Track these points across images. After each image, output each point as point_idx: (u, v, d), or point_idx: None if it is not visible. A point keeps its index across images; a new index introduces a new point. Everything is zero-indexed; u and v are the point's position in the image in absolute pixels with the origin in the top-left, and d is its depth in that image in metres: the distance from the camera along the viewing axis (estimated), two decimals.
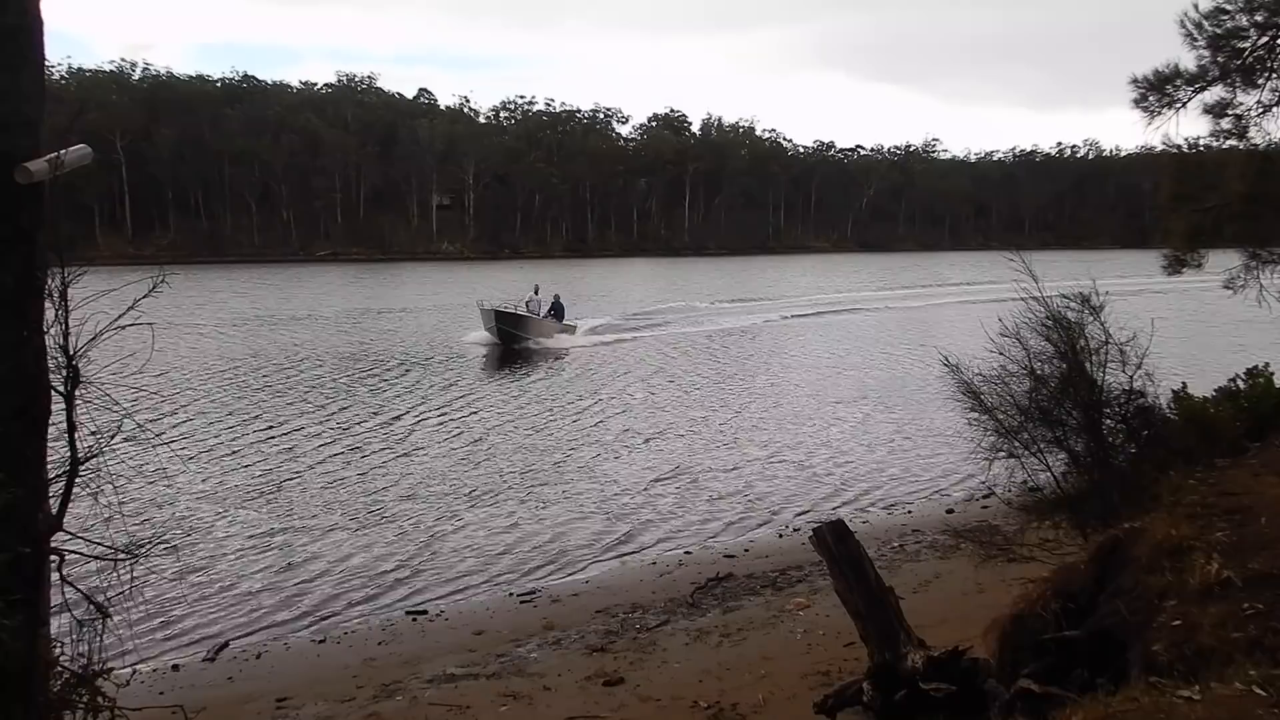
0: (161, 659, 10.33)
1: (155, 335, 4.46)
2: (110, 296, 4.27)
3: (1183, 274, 10.22)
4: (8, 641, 3.49)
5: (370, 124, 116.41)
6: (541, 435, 22.05)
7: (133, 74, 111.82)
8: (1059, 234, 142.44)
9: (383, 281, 74.45)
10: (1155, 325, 8.17)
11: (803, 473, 18.68)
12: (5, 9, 3.76)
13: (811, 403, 26.11)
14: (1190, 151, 9.79)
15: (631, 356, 35.05)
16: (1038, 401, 7.73)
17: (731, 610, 11.15)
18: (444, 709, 8.58)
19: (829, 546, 6.44)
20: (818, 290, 65.34)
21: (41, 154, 3.82)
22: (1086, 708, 3.78)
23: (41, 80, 3.98)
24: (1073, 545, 7.23)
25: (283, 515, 15.57)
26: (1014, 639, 5.48)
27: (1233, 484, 5.84)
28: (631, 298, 58.79)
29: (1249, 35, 8.73)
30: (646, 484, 17.77)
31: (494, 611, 11.73)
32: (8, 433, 3.75)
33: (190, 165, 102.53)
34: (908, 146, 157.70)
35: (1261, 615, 4.05)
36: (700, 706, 8.17)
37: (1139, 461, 7.32)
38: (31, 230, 3.85)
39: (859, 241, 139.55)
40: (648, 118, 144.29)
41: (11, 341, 3.77)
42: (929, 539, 13.65)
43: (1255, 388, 7.94)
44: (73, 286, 3.87)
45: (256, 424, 22.67)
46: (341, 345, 37.28)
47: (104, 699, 4.00)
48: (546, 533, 14.89)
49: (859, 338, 41.10)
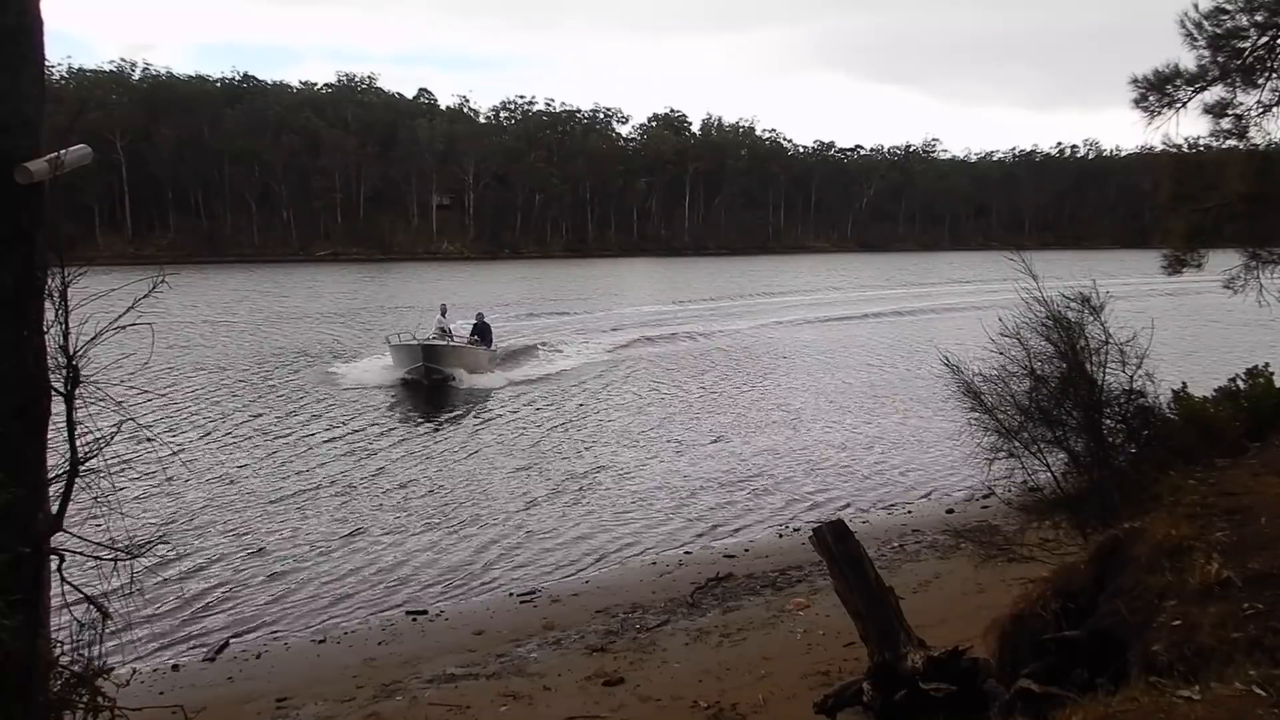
0: (161, 659, 10.34)
1: (156, 335, 4.46)
2: (110, 296, 4.26)
3: (1183, 274, 10.22)
4: (8, 641, 3.49)
5: (370, 124, 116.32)
6: (539, 437, 22.05)
7: (133, 74, 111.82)
8: (1059, 234, 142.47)
9: (384, 282, 74.46)
10: (1155, 325, 8.17)
11: (803, 473, 18.67)
12: (5, 9, 3.75)
13: (812, 404, 26.11)
14: (1190, 151, 9.78)
15: (617, 372, 33.88)
16: (1038, 401, 7.73)
17: (731, 610, 11.15)
18: (444, 709, 8.58)
19: (829, 546, 6.44)
20: (817, 290, 65.32)
21: (41, 154, 3.82)
22: (1086, 708, 3.78)
23: (41, 80, 3.97)
24: (1073, 545, 7.23)
25: (283, 515, 15.57)
26: (1014, 639, 5.48)
27: (1233, 484, 5.84)
28: (632, 298, 58.82)
29: (1249, 35, 8.73)
30: (647, 484, 17.77)
31: (494, 611, 11.73)
32: (8, 433, 3.75)
33: (190, 165, 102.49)
34: (908, 146, 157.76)
35: (1261, 615, 4.05)
36: (700, 706, 8.17)
37: (1139, 461, 7.32)
38: (31, 230, 3.84)
39: (859, 241, 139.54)
40: (648, 118, 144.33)
41: (11, 341, 3.77)
42: (929, 539, 13.65)
43: (1255, 388, 7.94)
44: (73, 286, 3.86)
45: (256, 424, 22.67)
46: (351, 342, 37.30)
47: (104, 699, 3.99)
48: (546, 533, 14.89)
49: (859, 338, 41.08)
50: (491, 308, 39.13)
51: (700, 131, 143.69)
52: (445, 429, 22.73)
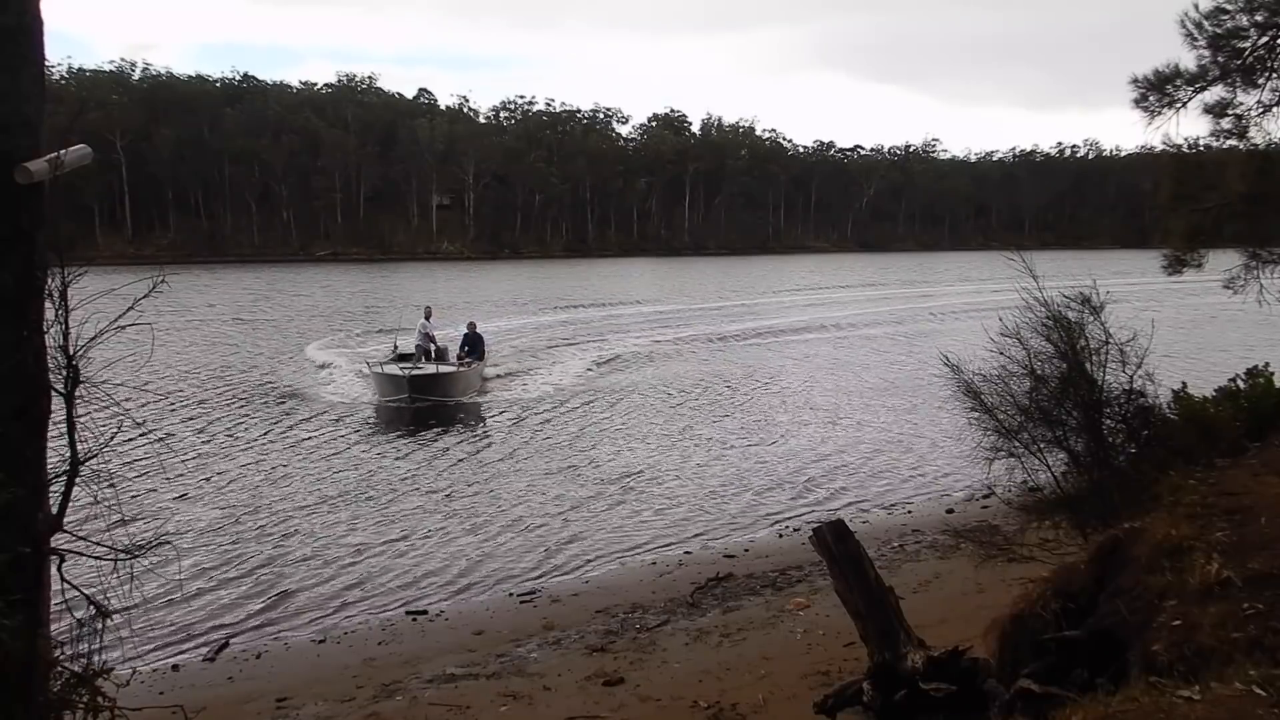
0: (161, 659, 10.33)
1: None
2: (110, 296, 4.26)
3: (1183, 274, 10.21)
4: (8, 641, 3.49)
5: (370, 124, 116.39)
6: (537, 439, 22.04)
7: (133, 74, 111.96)
8: (1059, 234, 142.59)
9: (396, 281, 74.48)
10: (1155, 325, 8.17)
11: (803, 473, 18.67)
12: (5, 9, 3.75)
13: (812, 404, 26.10)
14: (1190, 151, 9.78)
15: (616, 373, 34.73)
16: (1038, 401, 7.72)
17: (731, 610, 11.14)
18: (444, 709, 8.57)
19: (829, 546, 6.43)
20: (817, 290, 65.31)
21: (41, 154, 3.82)
22: (1086, 708, 3.77)
23: (41, 80, 3.97)
24: (1073, 545, 7.22)
25: (282, 516, 15.56)
26: (1014, 639, 5.48)
27: (1233, 484, 5.83)
28: (631, 299, 58.82)
29: (1249, 35, 8.72)
30: (646, 484, 17.77)
31: (494, 611, 11.73)
32: (8, 433, 3.75)
33: (190, 165, 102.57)
34: (907, 146, 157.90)
35: (1261, 615, 4.05)
36: (700, 706, 8.16)
37: (1139, 461, 7.31)
38: (31, 230, 3.84)
39: (859, 241, 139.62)
40: (648, 118, 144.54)
41: (11, 341, 3.77)
42: (929, 539, 13.64)
43: (1255, 388, 7.93)
44: (73, 286, 3.86)
45: (257, 423, 22.67)
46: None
47: (104, 699, 3.99)
48: (546, 533, 14.89)
49: (859, 338, 41.07)
50: (491, 308, 38.79)
51: (700, 131, 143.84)
52: (443, 432, 22.72)
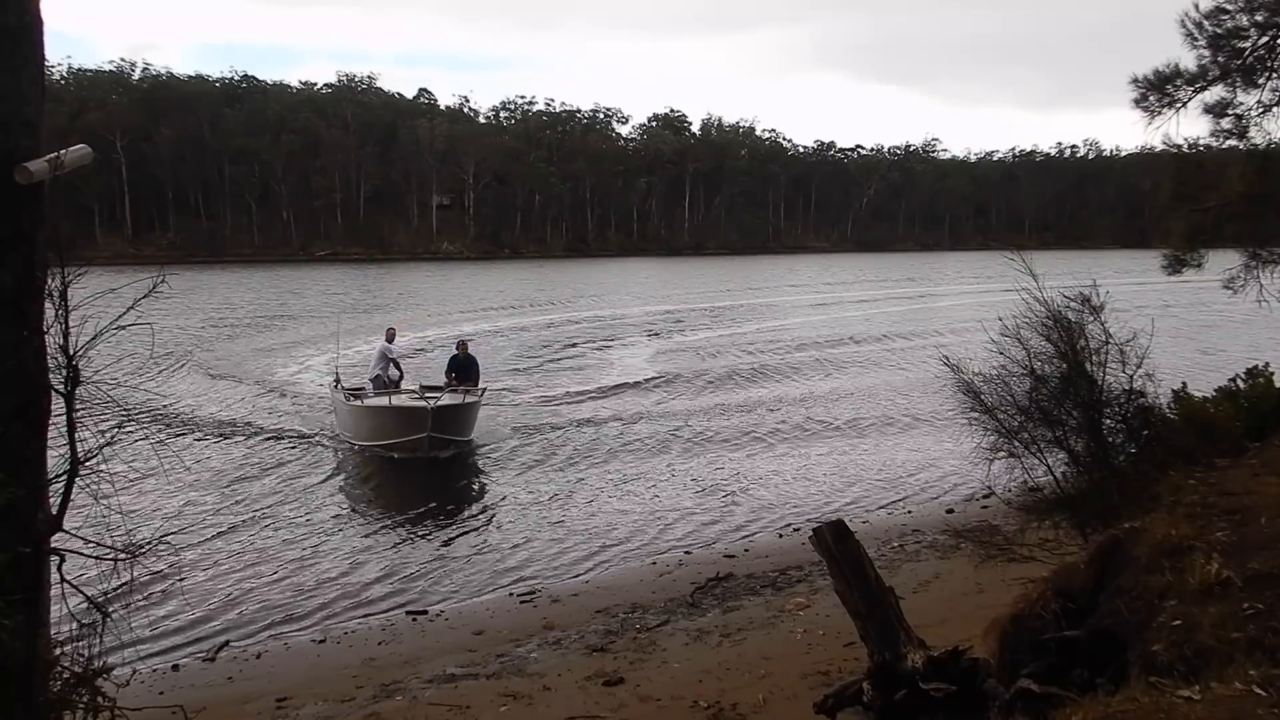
0: (161, 659, 10.33)
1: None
2: (109, 296, 4.26)
3: (1183, 274, 10.20)
4: (8, 641, 3.49)
5: (370, 124, 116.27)
6: (537, 441, 22.04)
7: (133, 74, 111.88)
8: (1059, 234, 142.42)
9: (403, 281, 74.49)
10: (1155, 325, 8.17)
11: (803, 473, 18.67)
12: (5, 9, 3.75)
13: (811, 404, 26.09)
14: (1190, 151, 9.77)
15: (615, 379, 34.65)
16: (1038, 401, 7.72)
17: (731, 610, 11.14)
18: (444, 709, 8.57)
19: (829, 546, 6.43)
20: (817, 289, 65.33)
21: (41, 154, 3.82)
22: (1086, 708, 3.77)
23: (41, 80, 3.97)
24: (1073, 545, 7.22)
25: (282, 516, 15.57)
26: (1014, 639, 5.47)
27: (1233, 484, 5.83)
28: (633, 299, 58.81)
29: (1249, 35, 8.72)
30: (646, 485, 17.78)
31: (494, 611, 11.73)
32: (8, 433, 3.74)
33: (190, 165, 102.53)
34: (908, 146, 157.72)
35: (1261, 615, 4.05)
36: (700, 706, 8.16)
37: (1139, 461, 7.31)
38: (31, 230, 3.84)
39: (859, 241, 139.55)
40: (648, 118, 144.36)
41: (11, 341, 3.76)
42: (929, 539, 13.64)
43: (1255, 388, 7.93)
44: (73, 286, 3.86)
45: (257, 425, 22.66)
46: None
47: (104, 699, 3.99)
48: (546, 533, 14.90)
49: (858, 338, 41.06)
50: (490, 308, 38.23)
51: (700, 132, 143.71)
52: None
